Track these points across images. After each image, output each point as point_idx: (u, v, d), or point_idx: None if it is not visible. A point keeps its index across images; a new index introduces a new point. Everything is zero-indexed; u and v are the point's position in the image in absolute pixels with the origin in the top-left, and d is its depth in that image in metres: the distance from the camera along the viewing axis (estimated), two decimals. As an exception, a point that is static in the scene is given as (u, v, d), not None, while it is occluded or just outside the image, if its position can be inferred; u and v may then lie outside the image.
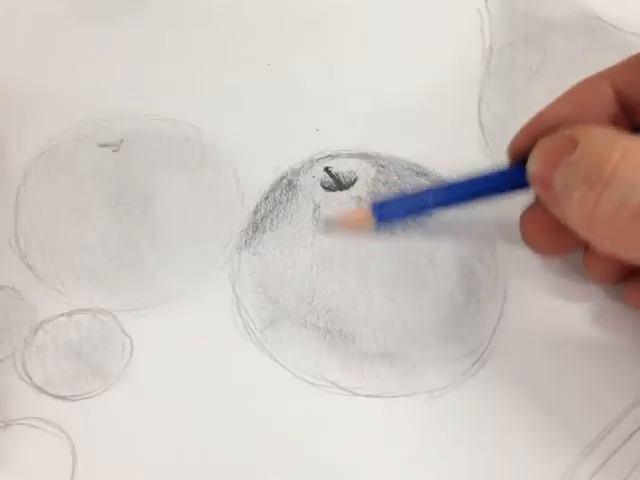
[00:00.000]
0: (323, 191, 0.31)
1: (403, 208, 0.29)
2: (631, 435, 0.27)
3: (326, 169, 0.31)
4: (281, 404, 0.28)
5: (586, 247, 0.28)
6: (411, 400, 0.28)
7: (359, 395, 0.28)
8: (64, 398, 0.28)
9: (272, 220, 0.31)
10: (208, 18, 0.36)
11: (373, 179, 0.31)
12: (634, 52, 0.27)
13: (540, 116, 0.27)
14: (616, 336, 0.29)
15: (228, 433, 0.27)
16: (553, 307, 0.29)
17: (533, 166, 0.26)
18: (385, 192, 0.31)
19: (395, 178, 0.31)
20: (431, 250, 0.30)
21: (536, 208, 0.28)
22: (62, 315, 0.29)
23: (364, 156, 0.32)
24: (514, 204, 0.29)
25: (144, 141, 0.32)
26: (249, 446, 0.27)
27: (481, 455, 0.27)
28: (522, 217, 0.28)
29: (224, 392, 0.28)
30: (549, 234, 0.27)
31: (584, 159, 0.23)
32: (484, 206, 0.30)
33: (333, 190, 0.31)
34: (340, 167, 0.31)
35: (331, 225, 0.30)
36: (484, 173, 0.28)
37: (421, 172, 0.31)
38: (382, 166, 0.32)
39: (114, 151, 0.32)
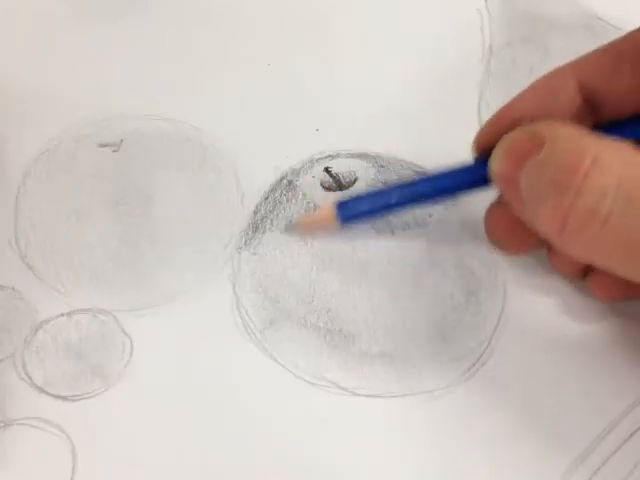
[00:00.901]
0: (323, 191, 0.31)
1: (367, 206, 0.28)
2: (631, 435, 0.27)
3: (326, 169, 0.31)
4: (281, 404, 0.28)
5: (549, 246, 0.27)
6: (411, 400, 0.28)
7: (359, 395, 0.28)
8: (64, 398, 0.28)
9: (272, 220, 0.31)
10: (208, 18, 0.36)
11: (373, 179, 0.31)
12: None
13: (505, 109, 0.26)
14: (616, 336, 0.29)
15: (228, 433, 0.27)
16: (553, 307, 0.29)
17: (496, 164, 0.25)
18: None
19: (395, 178, 0.31)
20: (431, 250, 0.30)
21: (500, 206, 0.27)
22: (62, 315, 0.29)
23: (364, 156, 0.32)
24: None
25: (144, 141, 0.32)
26: (249, 446, 0.27)
27: (481, 455, 0.27)
28: (486, 215, 0.28)
29: (224, 392, 0.28)
30: (513, 232, 0.27)
31: (552, 162, 0.22)
32: (484, 206, 0.30)
33: (333, 190, 0.31)
34: (340, 167, 0.31)
35: (293, 227, 0.30)
36: (448, 169, 0.27)
37: (421, 172, 0.31)
38: (382, 166, 0.32)
39: (114, 151, 0.32)
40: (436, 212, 0.31)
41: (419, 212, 0.30)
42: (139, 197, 0.31)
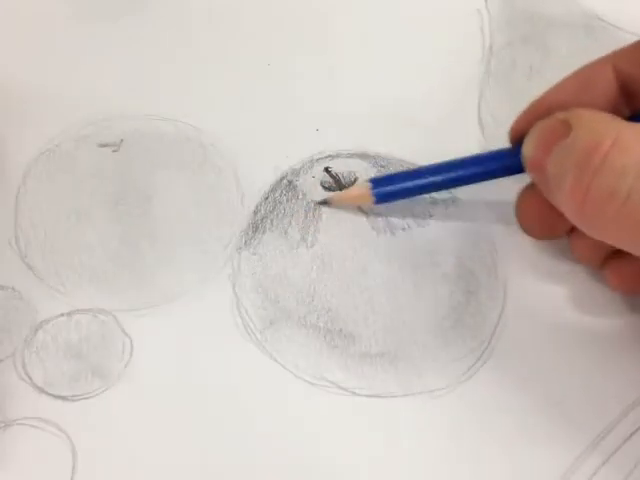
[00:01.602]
0: (323, 191, 0.31)
1: (401, 184, 0.29)
2: (631, 435, 0.27)
3: (326, 169, 0.31)
4: (281, 404, 0.28)
5: (572, 229, 0.28)
6: (411, 400, 0.28)
7: (359, 395, 0.28)
8: (64, 398, 0.28)
9: (272, 220, 0.31)
10: (208, 18, 0.36)
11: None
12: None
13: (541, 99, 0.27)
14: (617, 336, 0.29)
15: (228, 433, 0.27)
16: (553, 307, 0.29)
17: (527, 149, 0.26)
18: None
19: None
20: (431, 250, 0.30)
21: (531, 190, 0.28)
22: (62, 315, 0.29)
23: (364, 156, 0.32)
24: (514, 203, 0.29)
25: (144, 141, 0.32)
26: (249, 446, 0.27)
27: (481, 455, 0.27)
28: (518, 199, 0.28)
29: (224, 392, 0.28)
30: (543, 217, 0.27)
31: (576, 145, 0.23)
32: (484, 206, 0.30)
33: (333, 190, 0.31)
34: (340, 167, 0.31)
35: (329, 202, 0.30)
36: (484, 154, 0.28)
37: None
38: (382, 166, 0.32)
39: (114, 151, 0.32)
40: (436, 212, 0.31)
41: (419, 212, 0.30)
42: (139, 197, 0.31)
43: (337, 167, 0.31)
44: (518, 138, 0.27)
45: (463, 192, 0.30)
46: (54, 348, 0.28)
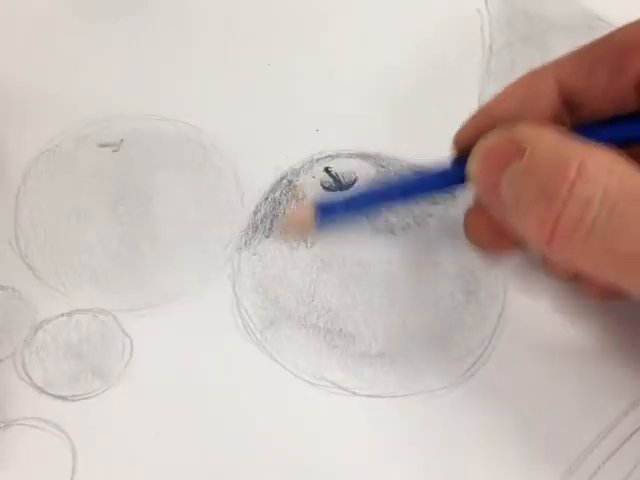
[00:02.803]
0: (323, 191, 0.31)
1: (345, 205, 0.29)
2: (631, 435, 0.27)
3: (326, 169, 0.31)
4: (281, 404, 0.28)
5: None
6: (411, 400, 0.28)
7: (359, 395, 0.28)
8: (64, 398, 0.28)
9: (272, 220, 0.31)
10: (208, 18, 0.36)
11: (373, 179, 0.31)
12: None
13: (484, 110, 0.26)
14: (616, 336, 0.29)
15: (228, 433, 0.27)
16: (552, 307, 0.29)
17: (474, 167, 0.25)
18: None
19: (395, 178, 0.31)
20: (431, 250, 0.30)
21: (479, 208, 0.27)
22: (62, 315, 0.29)
23: (364, 156, 0.32)
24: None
25: (144, 141, 0.32)
26: (249, 446, 0.27)
27: (481, 455, 0.27)
28: (465, 217, 0.28)
29: (224, 392, 0.28)
30: (493, 234, 0.27)
31: (537, 171, 0.22)
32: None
33: (333, 190, 0.31)
34: (340, 167, 0.31)
35: (278, 229, 0.30)
36: (428, 169, 0.27)
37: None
38: (382, 166, 0.32)
39: (114, 151, 0.32)
40: (436, 212, 0.30)
41: (419, 212, 0.30)
42: (139, 197, 0.31)
43: (337, 167, 0.31)
44: (461, 150, 0.26)
45: (463, 192, 0.30)
46: (54, 348, 0.28)
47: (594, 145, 0.22)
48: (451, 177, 0.27)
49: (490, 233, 0.27)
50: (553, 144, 0.22)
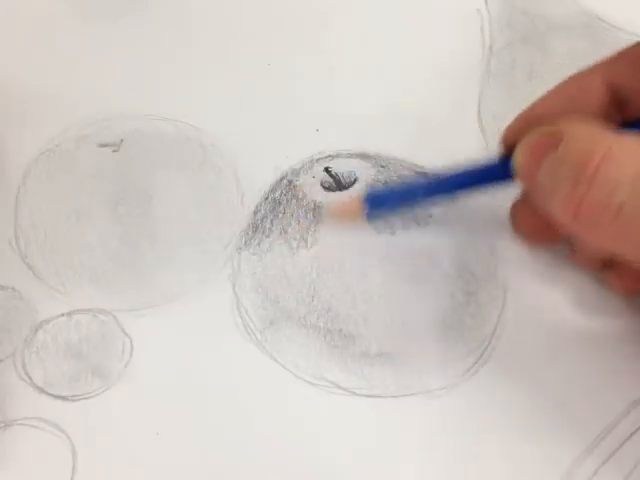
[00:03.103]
0: (323, 191, 0.31)
1: (394, 198, 0.29)
2: (631, 435, 0.27)
3: (326, 169, 0.31)
4: (281, 404, 0.28)
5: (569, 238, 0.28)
6: (411, 400, 0.28)
7: (359, 395, 0.28)
8: (64, 398, 0.28)
9: (272, 220, 0.31)
10: (208, 18, 0.36)
11: (373, 179, 0.31)
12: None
13: (531, 109, 0.27)
14: (617, 336, 0.29)
15: (228, 433, 0.27)
16: (553, 307, 0.29)
17: (518, 160, 0.26)
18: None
19: (395, 178, 0.31)
20: (431, 250, 0.30)
21: (525, 199, 0.28)
22: (62, 315, 0.29)
23: (364, 156, 0.32)
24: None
25: (144, 141, 0.32)
26: (249, 446, 0.27)
27: (481, 455, 0.27)
28: (512, 208, 0.29)
29: (224, 392, 0.28)
30: (538, 225, 0.28)
31: (567, 157, 0.23)
32: (484, 206, 0.30)
33: (333, 190, 0.31)
34: (340, 167, 0.31)
35: (324, 216, 0.30)
36: (475, 164, 0.28)
37: (421, 172, 0.31)
38: (382, 166, 0.32)
39: (114, 151, 0.32)
40: (436, 212, 0.30)
41: (419, 212, 0.30)
42: (139, 197, 0.31)
43: (337, 167, 0.31)
44: (509, 148, 0.27)
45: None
46: (54, 348, 0.28)
47: (626, 134, 0.23)
48: (498, 172, 0.27)
49: (534, 224, 0.28)
50: (585, 133, 0.24)
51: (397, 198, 0.29)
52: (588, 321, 0.29)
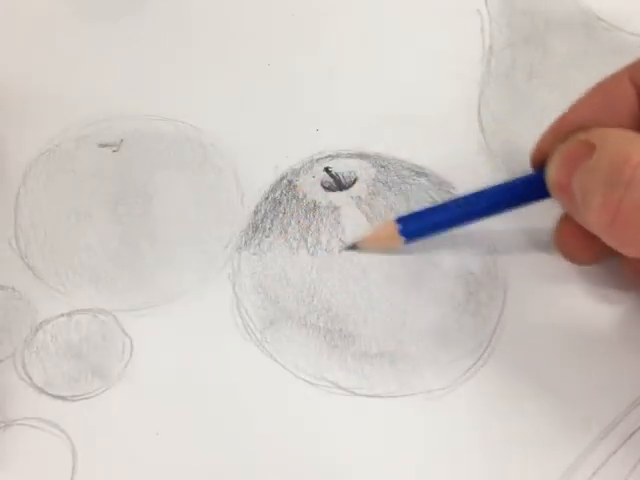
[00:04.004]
0: (323, 191, 0.31)
1: (430, 223, 0.29)
2: (631, 435, 0.27)
3: (326, 169, 0.31)
4: (281, 404, 0.28)
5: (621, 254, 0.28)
6: (411, 400, 0.28)
7: (359, 395, 0.28)
8: (64, 398, 0.28)
9: (272, 220, 0.31)
10: (208, 18, 0.36)
11: (373, 179, 0.31)
12: (634, 52, 0.27)
13: (560, 121, 0.27)
14: (616, 336, 0.29)
15: (228, 433, 0.27)
16: (553, 307, 0.29)
17: (551, 173, 0.26)
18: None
19: (395, 178, 0.31)
20: (431, 250, 0.30)
21: (568, 219, 0.27)
22: (62, 315, 0.29)
23: (364, 156, 0.32)
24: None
25: (144, 141, 0.32)
26: (249, 446, 0.27)
27: (481, 455, 0.27)
28: (556, 229, 0.28)
29: (224, 392, 0.28)
30: (583, 243, 0.27)
31: (602, 163, 0.23)
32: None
33: (333, 190, 0.31)
34: (340, 167, 0.31)
35: (356, 246, 0.30)
36: (507, 182, 0.28)
37: (421, 172, 0.31)
38: (382, 166, 0.32)
39: (114, 151, 0.32)
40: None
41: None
42: (139, 197, 0.31)
43: (337, 167, 0.31)
44: (540, 162, 0.27)
45: (463, 192, 0.30)
46: (54, 348, 0.28)
47: None
48: (532, 189, 0.27)
49: (579, 243, 0.27)
50: (619, 139, 0.24)
51: (433, 222, 0.29)
52: (588, 321, 0.29)
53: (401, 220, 0.29)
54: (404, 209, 0.30)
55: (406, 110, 0.33)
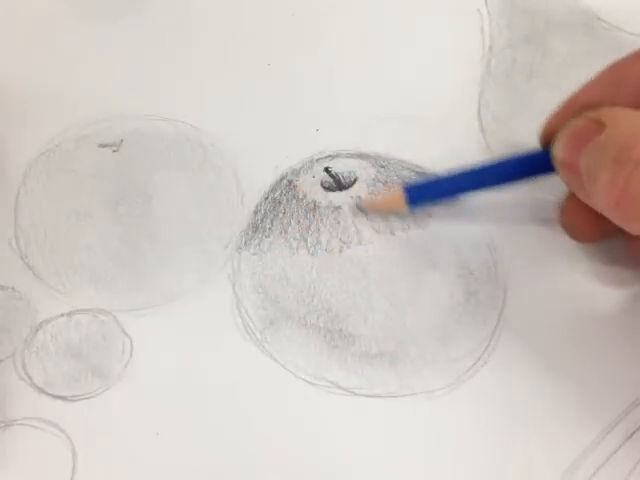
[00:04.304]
0: (323, 191, 0.31)
1: (435, 189, 0.29)
2: (631, 435, 0.27)
3: (326, 169, 0.31)
4: (281, 404, 0.28)
5: (626, 233, 0.27)
6: (411, 400, 0.28)
7: (359, 395, 0.28)
8: (64, 398, 0.28)
9: (272, 220, 0.31)
10: (208, 18, 0.36)
11: (373, 179, 0.31)
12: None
13: (571, 99, 0.27)
14: (616, 336, 0.29)
15: (228, 433, 0.27)
16: (553, 307, 0.29)
17: (558, 149, 0.26)
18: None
19: (395, 178, 0.31)
20: (431, 250, 0.30)
21: (573, 197, 0.28)
22: (62, 315, 0.29)
23: (364, 156, 0.32)
24: (513, 204, 0.29)
25: (144, 141, 0.32)
26: (249, 446, 0.27)
27: (481, 455, 0.27)
28: (562, 208, 0.29)
29: (224, 392, 0.28)
30: (588, 221, 0.28)
31: (612, 140, 0.23)
32: (483, 206, 0.30)
33: (333, 190, 0.31)
34: (340, 167, 0.31)
35: (363, 209, 0.30)
36: (515, 156, 0.28)
37: (421, 172, 0.31)
38: (382, 166, 0.32)
39: (114, 151, 0.32)
40: (436, 212, 0.30)
41: (419, 212, 0.30)
42: (139, 197, 0.31)
43: (337, 167, 0.31)
44: (548, 139, 0.27)
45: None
46: (54, 348, 0.28)
47: None
48: (537, 164, 0.27)
49: (584, 221, 0.28)
50: (630, 119, 0.24)
51: (438, 189, 0.29)
52: (588, 320, 0.29)
53: (407, 187, 0.29)
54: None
55: (406, 110, 0.33)
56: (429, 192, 0.30)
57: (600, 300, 0.29)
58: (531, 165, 0.28)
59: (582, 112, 0.26)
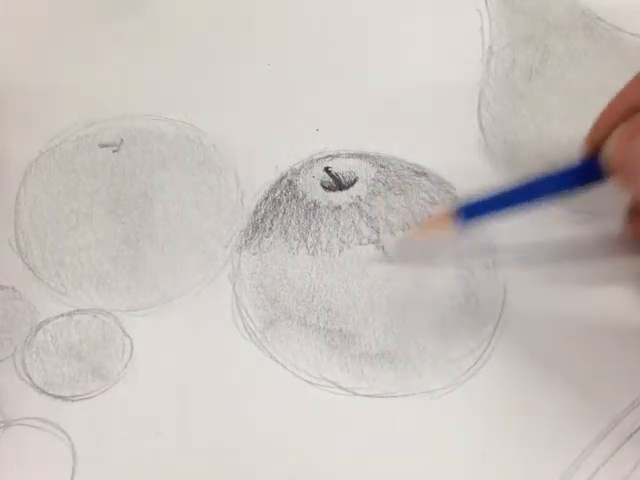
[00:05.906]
0: (323, 191, 0.31)
1: (485, 209, 0.28)
2: (631, 435, 0.27)
3: (326, 169, 0.31)
4: (281, 404, 0.28)
5: None
6: (411, 400, 0.28)
7: (359, 395, 0.28)
8: (64, 398, 0.28)
9: (272, 220, 0.31)
10: (208, 18, 0.36)
11: (373, 179, 0.31)
12: (634, 52, 0.27)
13: (612, 105, 0.27)
14: (617, 336, 0.28)
15: (228, 433, 0.27)
16: (553, 307, 0.29)
17: (611, 151, 0.25)
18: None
19: (395, 178, 0.31)
20: (431, 250, 0.30)
21: (636, 203, 0.27)
22: (62, 315, 0.29)
23: (364, 156, 0.32)
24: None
25: (144, 141, 0.32)
26: (249, 446, 0.27)
27: (481, 455, 0.27)
28: (627, 217, 0.28)
29: (224, 392, 0.28)
30: None
31: None
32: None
33: (333, 190, 0.31)
34: (340, 167, 0.31)
35: (410, 232, 0.30)
36: (560, 168, 0.27)
37: (421, 172, 0.31)
38: (382, 166, 0.32)
39: (114, 151, 0.32)
40: (436, 212, 0.30)
41: (419, 213, 0.30)
42: (139, 197, 0.31)
43: (337, 167, 0.31)
44: (596, 146, 0.26)
45: (462, 192, 0.30)
46: (54, 348, 0.28)
47: None
48: (586, 174, 0.27)
49: None
50: None
51: (489, 208, 0.28)
52: (588, 321, 0.29)
53: (458, 207, 0.28)
54: (404, 209, 0.30)
55: (406, 110, 0.33)
56: (480, 211, 0.28)
57: (600, 300, 0.29)
58: (581, 175, 0.27)
59: (628, 115, 0.25)
